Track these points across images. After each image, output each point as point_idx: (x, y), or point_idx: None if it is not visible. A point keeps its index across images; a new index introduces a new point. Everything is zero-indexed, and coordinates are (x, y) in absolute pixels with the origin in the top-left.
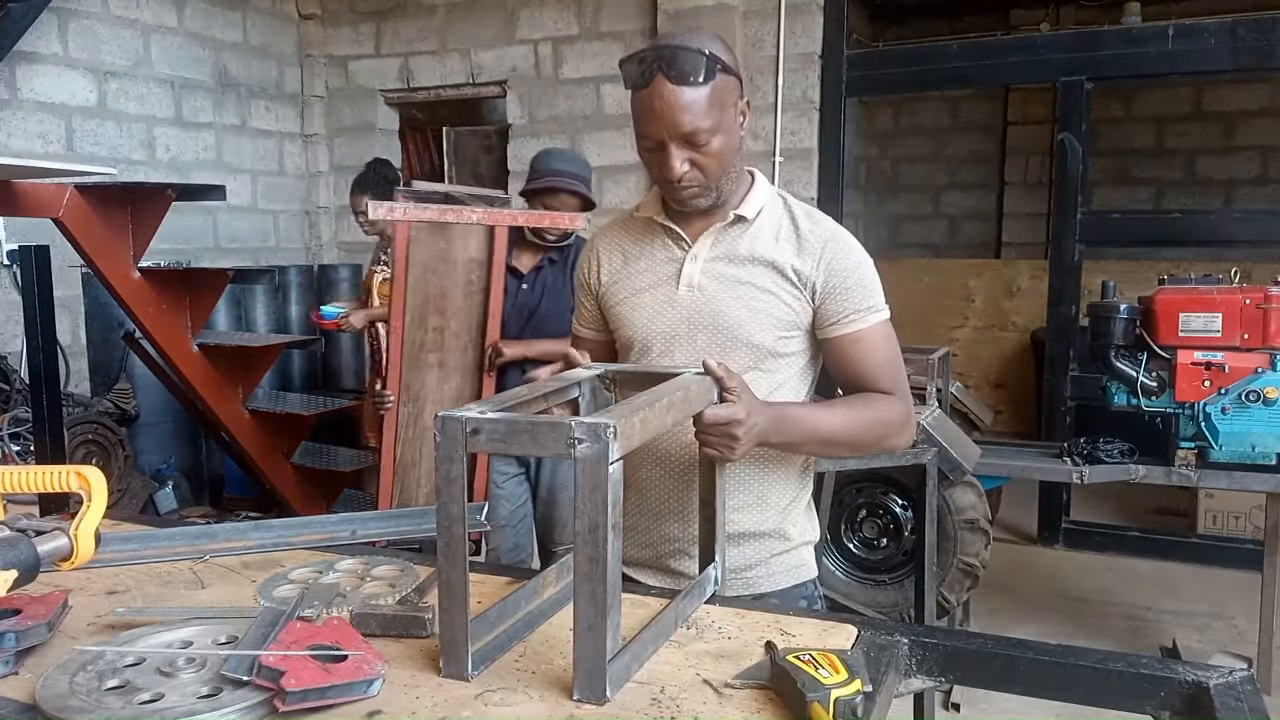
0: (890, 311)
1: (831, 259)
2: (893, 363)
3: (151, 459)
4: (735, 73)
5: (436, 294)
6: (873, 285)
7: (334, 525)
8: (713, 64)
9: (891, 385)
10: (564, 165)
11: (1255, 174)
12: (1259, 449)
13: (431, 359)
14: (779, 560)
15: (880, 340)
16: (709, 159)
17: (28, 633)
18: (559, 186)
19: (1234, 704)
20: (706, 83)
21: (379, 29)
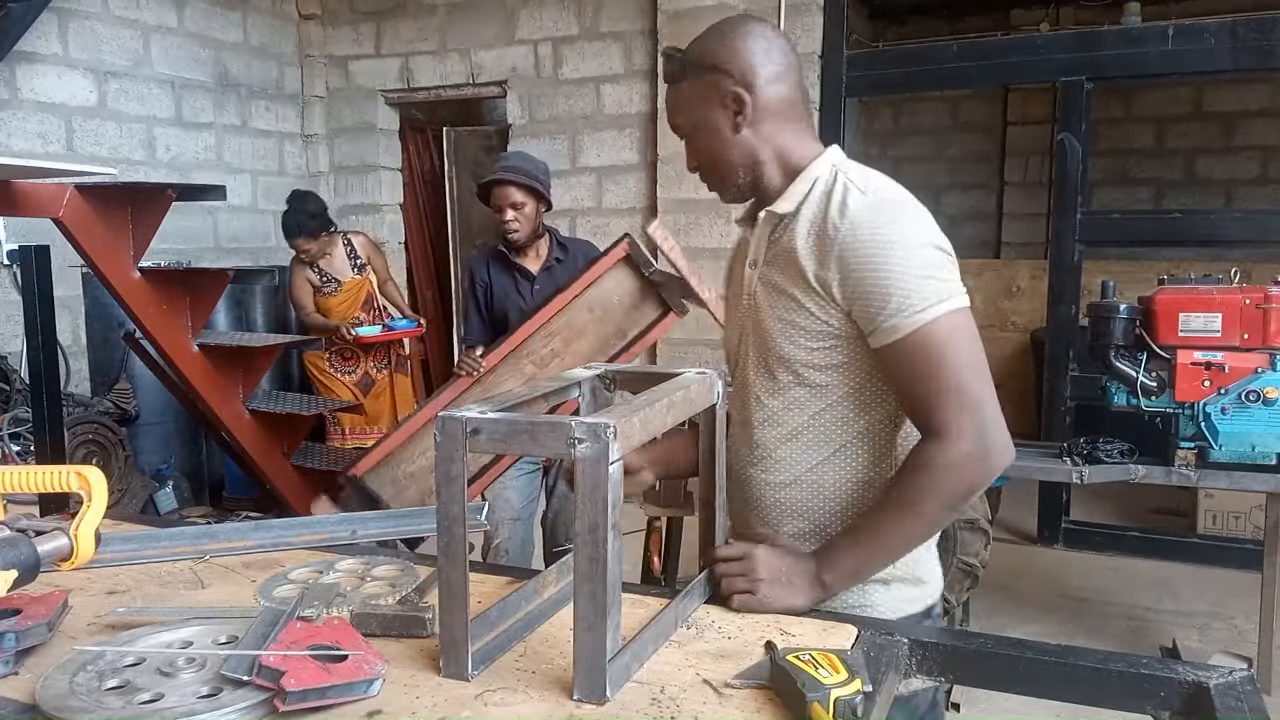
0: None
1: (845, 260)
2: (929, 381)
3: (152, 459)
4: (721, 68)
5: (578, 328)
6: (900, 286)
7: (334, 525)
8: (681, 64)
9: (928, 414)
10: (504, 161)
11: (1255, 174)
12: (1259, 449)
13: (528, 368)
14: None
15: (912, 354)
16: (699, 155)
17: (28, 633)
18: (495, 179)
19: (1234, 704)
20: (679, 82)
21: (379, 29)
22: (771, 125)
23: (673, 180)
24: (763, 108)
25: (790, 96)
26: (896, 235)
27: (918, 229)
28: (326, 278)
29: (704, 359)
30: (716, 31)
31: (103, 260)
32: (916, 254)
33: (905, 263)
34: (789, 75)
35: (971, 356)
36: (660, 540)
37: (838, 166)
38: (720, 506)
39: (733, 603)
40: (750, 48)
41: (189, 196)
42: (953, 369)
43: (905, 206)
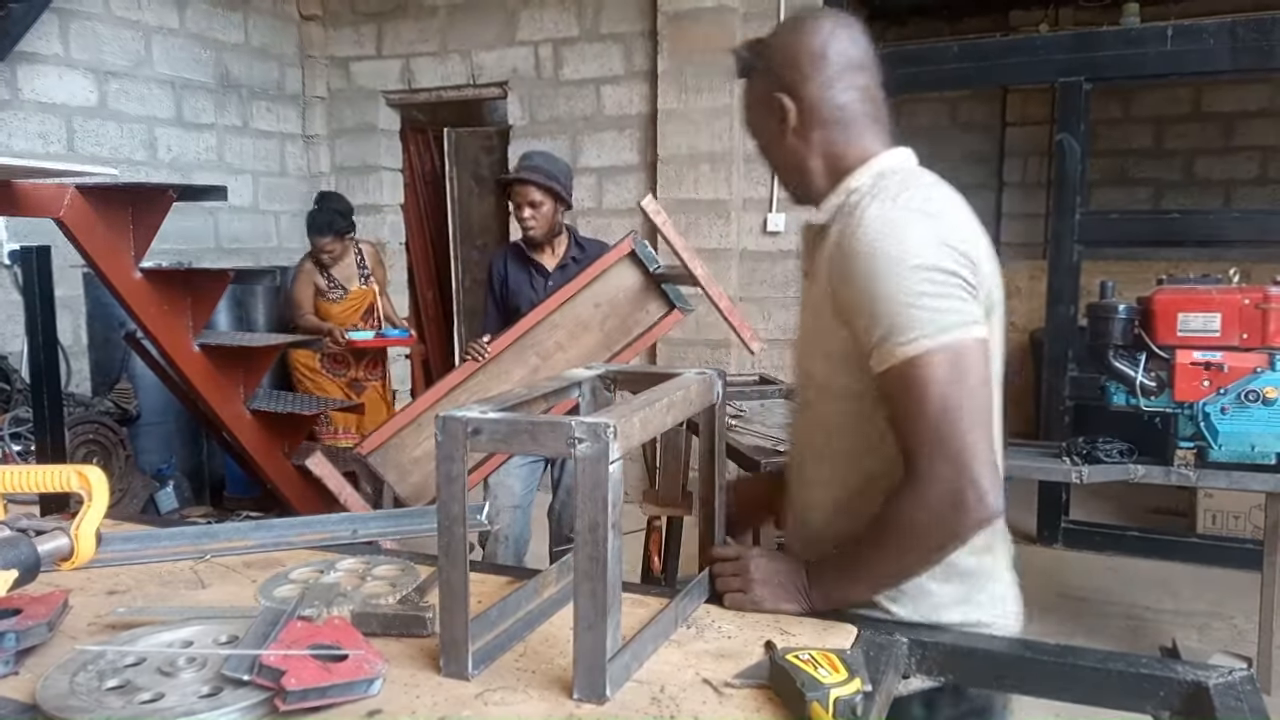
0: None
1: (845, 274)
2: (907, 421)
3: (152, 459)
4: (773, 71)
5: (583, 321)
6: (885, 310)
7: (335, 525)
8: (740, 62)
9: (907, 455)
10: (527, 161)
11: (1255, 174)
12: (1258, 449)
13: (533, 359)
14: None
15: (895, 389)
16: (762, 154)
17: (28, 632)
18: (516, 178)
19: (1234, 704)
20: (743, 78)
21: (380, 30)
22: (821, 132)
23: (673, 180)
24: (810, 115)
25: (847, 101)
26: (894, 251)
27: (920, 246)
28: (334, 283)
29: (704, 359)
30: (780, 29)
31: (104, 260)
32: (909, 275)
33: (896, 285)
34: (848, 77)
35: (957, 399)
36: (660, 540)
37: (883, 174)
38: (720, 506)
39: (725, 601)
40: (803, 49)
41: (190, 197)
42: (934, 413)
43: (920, 219)
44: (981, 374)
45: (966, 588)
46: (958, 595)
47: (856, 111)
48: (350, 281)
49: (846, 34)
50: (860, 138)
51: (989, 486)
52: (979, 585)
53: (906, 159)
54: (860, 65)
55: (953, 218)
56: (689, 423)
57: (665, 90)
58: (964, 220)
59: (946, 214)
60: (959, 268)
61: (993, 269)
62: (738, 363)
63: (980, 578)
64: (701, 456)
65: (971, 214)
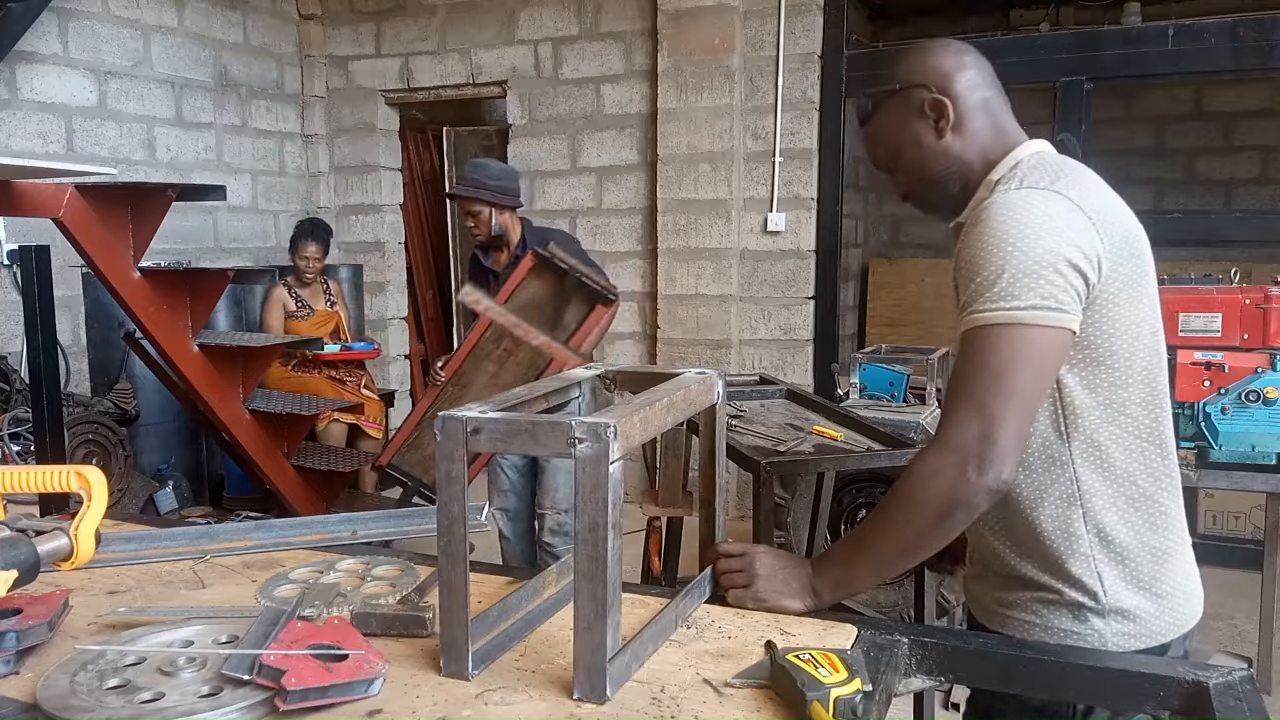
0: (1003, 313)
1: (958, 250)
2: (957, 380)
3: (152, 459)
4: (915, 83)
5: (521, 327)
6: (978, 277)
7: (334, 525)
8: (867, 102)
9: (944, 413)
10: (470, 174)
11: (1255, 174)
12: (1259, 449)
13: (490, 367)
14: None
15: (967, 349)
16: (904, 177)
17: (28, 632)
18: (456, 194)
19: (1234, 704)
20: (872, 117)
21: (379, 29)
22: (975, 124)
23: (672, 180)
24: (963, 109)
25: (990, 96)
26: (1000, 228)
27: (1024, 226)
28: (302, 304)
29: (704, 359)
30: (901, 55)
31: (103, 260)
32: (1006, 251)
33: (990, 256)
34: (985, 82)
35: (1011, 376)
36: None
37: (1020, 162)
38: (720, 506)
39: (729, 598)
40: (943, 58)
41: (189, 196)
42: (983, 380)
43: (1035, 201)
44: (1044, 363)
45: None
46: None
47: (997, 108)
48: (316, 303)
49: (972, 52)
50: (1004, 131)
51: (1007, 456)
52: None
53: (1044, 146)
54: (991, 79)
55: (1067, 204)
56: (689, 423)
57: (665, 89)
58: (1088, 204)
59: (1062, 199)
60: (1060, 253)
61: (1122, 250)
62: (738, 363)
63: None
64: (701, 456)
65: (1105, 198)
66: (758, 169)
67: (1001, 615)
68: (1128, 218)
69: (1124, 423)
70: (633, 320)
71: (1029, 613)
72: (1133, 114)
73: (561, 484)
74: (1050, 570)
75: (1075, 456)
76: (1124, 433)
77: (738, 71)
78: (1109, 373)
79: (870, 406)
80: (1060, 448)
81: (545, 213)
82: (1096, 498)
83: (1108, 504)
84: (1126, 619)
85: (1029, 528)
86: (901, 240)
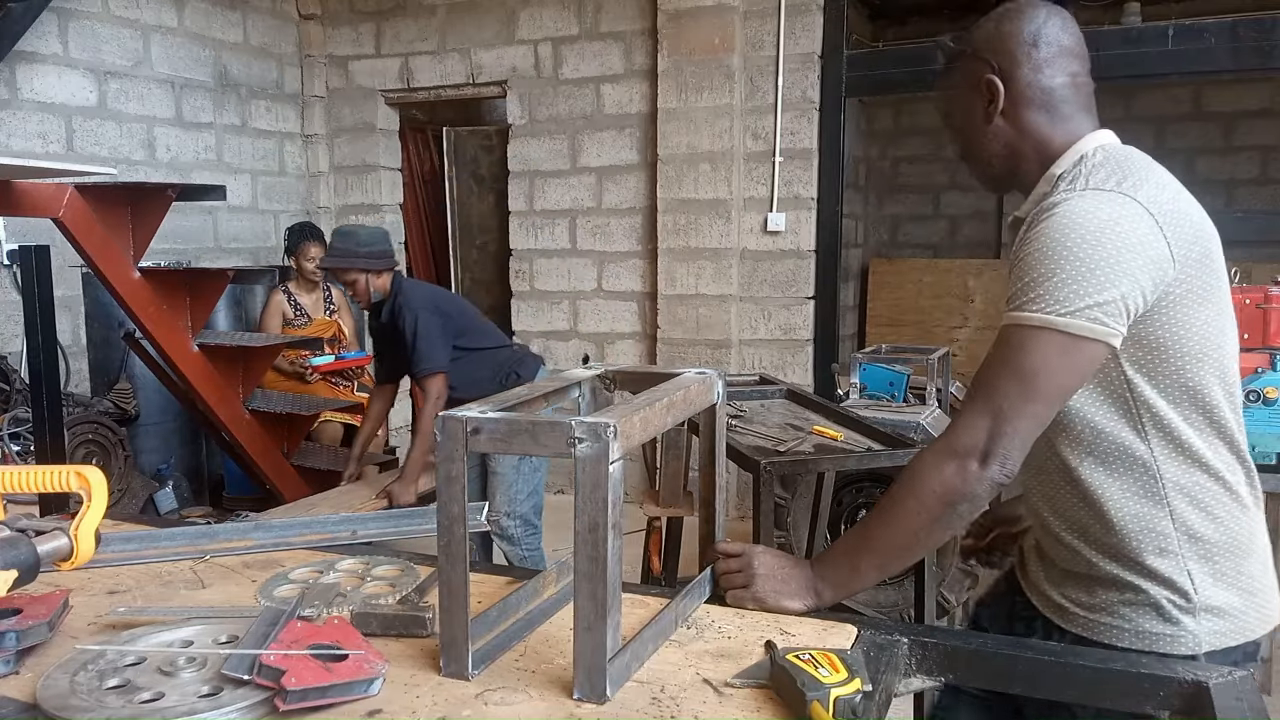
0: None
1: (1015, 248)
2: (983, 374)
3: (152, 459)
4: (981, 55)
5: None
6: (1026, 277)
7: (334, 525)
8: (949, 50)
9: (965, 400)
10: (340, 244)
11: (1255, 174)
12: (1259, 449)
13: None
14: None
15: (1000, 341)
16: (954, 138)
17: (28, 632)
18: (328, 266)
19: (1234, 704)
20: (942, 72)
21: (379, 29)
22: (1031, 115)
23: (672, 180)
24: (1020, 98)
25: (1057, 85)
26: (1070, 230)
27: (1096, 239)
28: (300, 311)
29: (704, 359)
30: (991, 16)
31: (103, 260)
32: (1068, 259)
33: (1040, 257)
34: (1059, 63)
35: (1034, 379)
36: (660, 540)
37: (1084, 156)
38: (720, 506)
39: (728, 598)
40: (1015, 35)
41: (189, 196)
42: (1005, 376)
43: (1093, 203)
44: (1072, 373)
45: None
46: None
47: (1065, 96)
48: (316, 311)
49: (1059, 20)
50: (1067, 121)
51: (1011, 456)
52: (1234, 600)
53: (1108, 139)
54: (1071, 52)
55: (1136, 208)
56: (689, 423)
57: (665, 89)
58: (1157, 205)
59: (1130, 203)
60: (1119, 263)
61: (1190, 251)
62: (738, 363)
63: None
64: (701, 456)
65: (1174, 195)
66: (758, 169)
67: (1083, 619)
68: (1197, 215)
69: (1199, 420)
70: (633, 320)
71: (1115, 616)
72: (1133, 114)
73: (500, 489)
74: (1136, 570)
75: (1157, 454)
76: (1201, 430)
77: (738, 71)
78: (1180, 373)
79: (870, 406)
80: (1140, 446)
81: (545, 213)
82: (1182, 494)
83: (1193, 500)
84: (1218, 616)
85: (1112, 528)
86: (901, 240)
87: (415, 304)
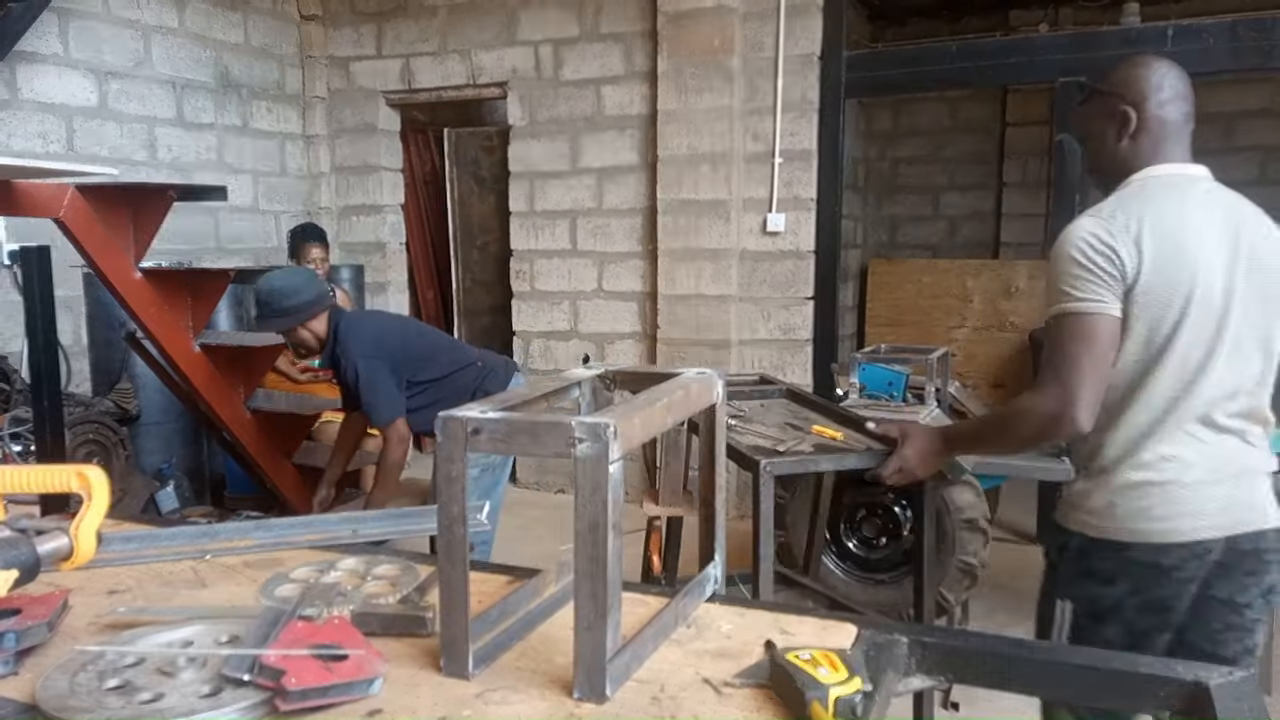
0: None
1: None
2: (1048, 353)
3: (153, 459)
4: (1110, 92)
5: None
6: (1052, 284)
7: (335, 525)
8: (1087, 88)
9: (1041, 371)
10: (270, 306)
11: (1255, 174)
12: None
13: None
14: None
15: (1049, 332)
16: (1086, 158)
17: (28, 632)
18: (272, 331)
19: (1234, 704)
20: (1081, 105)
21: (380, 30)
22: (1147, 140)
23: (672, 181)
24: (1143, 125)
25: (1170, 119)
26: (1060, 246)
27: (1066, 244)
28: None
29: (704, 359)
30: (1127, 64)
31: (104, 260)
32: (1061, 263)
33: (1054, 269)
34: (1175, 104)
35: (1075, 349)
36: (660, 540)
37: (1131, 181)
38: (720, 506)
39: (890, 480)
40: (1146, 78)
41: (190, 197)
42: (1059, 352)
43: (1087, 221)
44: (1099, 341)
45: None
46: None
47: (1174, 129)
48: None
49: (1175, 73)
50: (1159, 150)
51: (1082, 411)
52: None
53: (1168, 170)
54: (1182, 96)
55: (1119, 216)
56: (689, 423)
57: (665, 90)
58: (1137, 216)
59: (1119, 212)
60: (1090, 255)
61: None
62: (738, 363)
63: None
64: (701, 456)
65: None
66: (757, 170)
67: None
68: (1188, 235)
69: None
70: (633, 320)
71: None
72: None
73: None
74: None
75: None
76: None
77: (737, 72)
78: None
79: (870, 406)
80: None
81: (546, 214)
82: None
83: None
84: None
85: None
86: (900, 241)
87: (353, 353)
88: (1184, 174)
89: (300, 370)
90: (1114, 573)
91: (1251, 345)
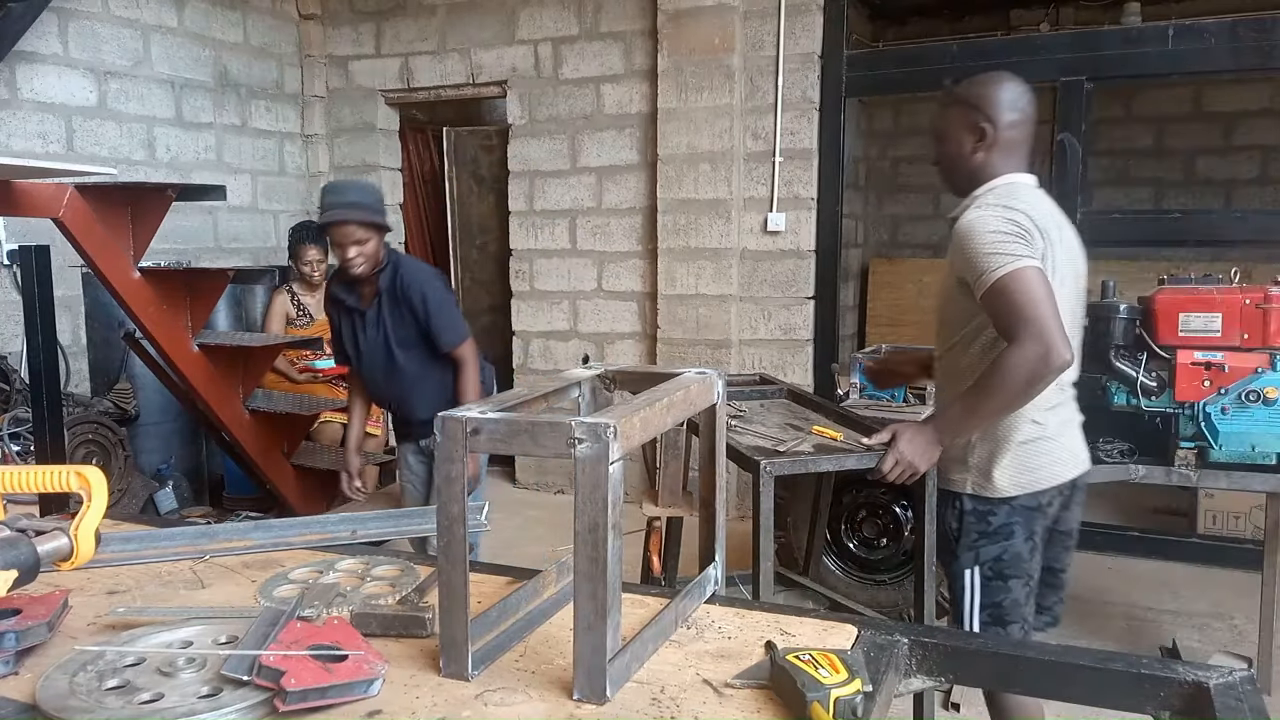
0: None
1: (953, 247)
2: (1004, 316)
3: (152, 459)
4: (967, 103)
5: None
6: (978, 258)
7: (334, 525)
8: (950, 94)
9: (1006, 333)
10: (336, 197)
11: (1255, 174)
12: (1259, 449)
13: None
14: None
15: (996, 298)
16: (939, 157)
17: (28, 632)
18: (335, 220)
19: (1234, 704)
20: (941, 110)
21: (379, 29)
22: (996, 153)
23: (672, 180)
24: (995, 139)
25: (1017, 136)
26: (977, 226)
27: (990, 220)
28: (304, 311)
29: (704, 359)
30: (987, 80)
31: (103, 260)
32: (986, 237)
33: (978, 244)
34: (1023, 124)
35: (1030, 298)
36: (660, 540)
37: (994, 189)
38: (720, 506)
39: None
40: (1004, 95)
41: (189, 196)
42: (1018, 307)
43: (993, 209)
44: (1043, 287)
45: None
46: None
47: (1017, 144)
48: (319, 312)
49: (1027, 93)
50: (1007, 161)
51: (1061, 344)
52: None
53: (1018, 179)
54: (1029, 115)
55: (1018, 206)
56: (689, 423)
57: (665, 89)
58: (1029, 207)
59: (1014, 203)
60: (1016, 229)
61: (1058, 238)
62: (738, 363)
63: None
64: (701, 456)
65: (1045, 207)
66: (758, 169)
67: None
68: (1064, 231)
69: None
70: (633, 320)
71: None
72: (1133, 114)
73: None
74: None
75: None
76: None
77: (738, 71)
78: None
79: (870, 406)
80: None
81: (545, 213)
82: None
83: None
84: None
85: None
86: (901, 240)
87: (422, 277)
88: (1032, 182)
89: (299, 370)
90: (1009, 524)
91: (1079, 316)
